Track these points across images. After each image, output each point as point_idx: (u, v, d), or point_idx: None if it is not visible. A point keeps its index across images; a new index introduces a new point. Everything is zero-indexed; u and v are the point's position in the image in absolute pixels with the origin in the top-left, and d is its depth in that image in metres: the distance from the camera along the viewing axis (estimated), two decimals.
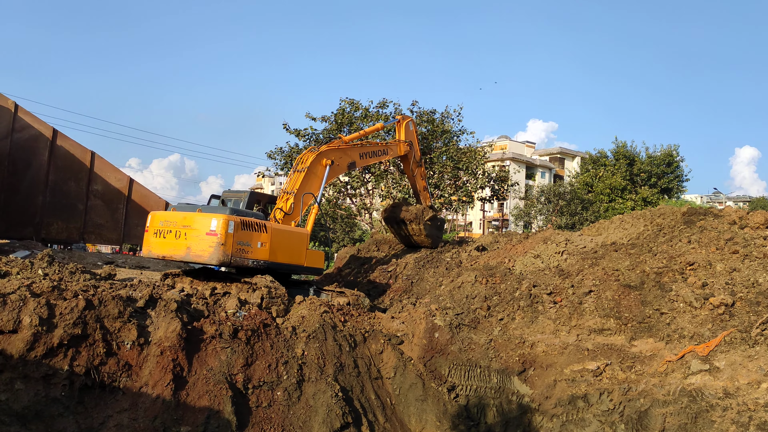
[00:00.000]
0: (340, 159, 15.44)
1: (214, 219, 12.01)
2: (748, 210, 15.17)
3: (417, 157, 18.72)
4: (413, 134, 18.41)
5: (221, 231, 11.81)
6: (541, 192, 60.66)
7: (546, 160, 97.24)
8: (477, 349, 12.11)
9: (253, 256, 12.34)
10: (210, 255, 11.86)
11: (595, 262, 13.83)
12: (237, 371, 9.83)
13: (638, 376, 10.29)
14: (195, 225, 12.19)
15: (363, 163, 16.94)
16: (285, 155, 30.18)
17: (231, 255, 11.90)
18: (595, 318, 11.99)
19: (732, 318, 10.72)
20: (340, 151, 15.47)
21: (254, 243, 12.35)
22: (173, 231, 12.46)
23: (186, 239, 12.21)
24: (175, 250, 12.34)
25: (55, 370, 8.53)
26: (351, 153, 15.90)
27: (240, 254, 12.06)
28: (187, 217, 12.42)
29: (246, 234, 12.19)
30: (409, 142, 18.07)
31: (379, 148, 17.16)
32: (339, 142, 15.72)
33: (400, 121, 18.10)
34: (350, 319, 12.44)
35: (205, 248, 11.91)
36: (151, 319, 9.89)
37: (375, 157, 17.20)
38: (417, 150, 18.76)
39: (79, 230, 22.16)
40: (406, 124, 17.99)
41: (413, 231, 18.63)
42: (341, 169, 15.74)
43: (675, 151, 54.14)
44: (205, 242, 11.94)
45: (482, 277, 14.26)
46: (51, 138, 21.16)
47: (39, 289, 9.25)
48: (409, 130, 18.18)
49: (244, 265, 12.28)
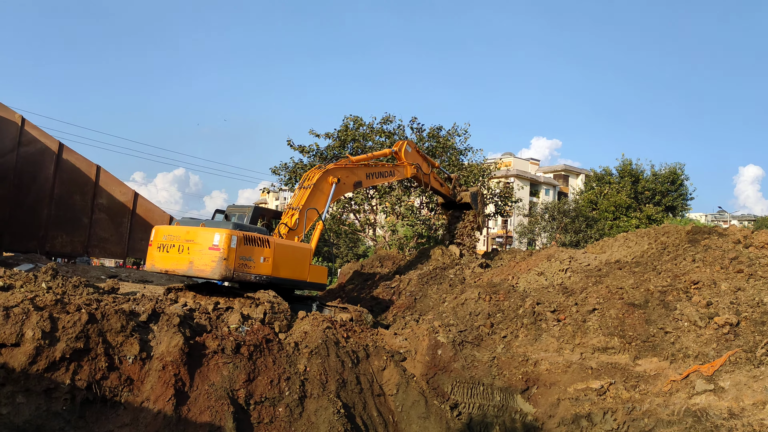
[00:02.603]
0: (347, 178, 15.51)
1: (216, 233, 12.01)
2: (753, 229, 15.12)
3: (427, 171, 18.78)
4: (415, 155, 18.38)
5: (224, 245, 11.81)
6: (545, 209, 60.63)
7: (550, 178, 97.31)
8: (480, 366, 12.05)
9: (256, 270, 12.33)
10: (212, 269, 11.86)
11: (599, 280, 13.78)
12: (239, 387, 9.80)
13: (642, 396, 10.22)
14: (198, 239, 12.20)
15: (369, 183, 17.03)
16: (289, 171, 30.29)
17: (233, 270, 11.90)
18: (599, 336, 11.93)
19: (737, 338, 10.65)
20: (347, 170, 15.55)
21: (257, 258, 12.35)
22: (176, 245, 12.48)
23: (189, 253, 12.21)
24: (177, 264, 12.35)
25: (56, 384, 8.51)
26: (358, 172, 15.98)
27: (242, 269, 12.05)
28: (190, 232, 12.42)
29: (248, 249, 12.18)
30: (415, 164, 18.07)
31: (386, 170, 17.27)
32: (346, 161, 15.82)
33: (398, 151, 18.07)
34: (353, 336, 12.40)
35: (208, 263, 11.90)
36: (154, 333, 9.88)
37: (382, 178, 17.30)
38: (426, 166, 18.74)
39: (83, 244, 22.20)
40: (404, 149, 18.07)
41: None
42: (347, 187, 15.81)
43: (680, 170, 54.15)
44: (207, 257, 11.94)
45: (486, 294, 14.21)
46: (57, 152, 21.26)
47: (42, 302, 9.25)
48: (409, 153, 18.21)
49: (247, 279, 12.26)
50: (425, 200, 31.22)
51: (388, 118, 30.35)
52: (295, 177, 29.82)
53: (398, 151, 17.98)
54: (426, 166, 18.71)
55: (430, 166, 19.07)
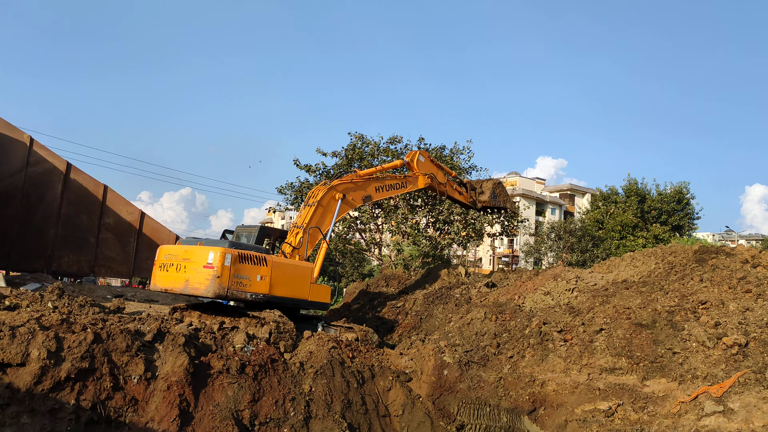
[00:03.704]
0: (354, 193, 15.39)
1: (211, 252, 12.13)
2: (760, 249, 15.04)
3: (443, 180, 18.07)
4: (429, 164, 17.75)
5: (218, 264, 11.93)
6: (552, 228, 60.56)
7: (556, 197, 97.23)
8: (486, 387, 11.96)
9: (252, 289, 12.38)
10: (206, 287, 11.96)
11: (606, 300, 13.70)
12: (244, 407, 9.75)
13: (651, 417, 10.11)
14: (193, 258, 12.35)
15: (380, 197, 16.69)
16: (295, 190, 30.35)
17: (227, 288, 11.99)
18: (607, 357, 11.84)
19: (746, 358, 10.55)
20: (353, 185, 15.43)
21: (253, 276, 12.40)
22: (175, 264, 12.69)
23: (185, 272, 12.39)
24: (175, 282, 12.53)
25: (61, 404, 8.48)
26: (366, 186, 15.80)
27: (237, 287, 12.12)
28: (188, 251, 12.63)
29: (244, 267, 12.27)
30: (429, 174, 17.47)
31: (396, 182, 16.88)
32: (352, 176, 15.72)
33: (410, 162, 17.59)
34: (358, 356, 12.35)
35: (202, 281, 12.02)
36: (159, 353, 9.86)
37: (393, 190, 16.88)
38: (441, 176, 18.07)
39: (90, 263, 22.28)
40: (416, 159, 17.60)
41: None
42: (355, 202, 15.68)
43: (685, 189, 54.05)
44: (202, 275, 12.05)
45: (492, 313, 14.15)
46: (65, 172, 21.43)
47: (48, 322, 9.26)
48: (422, 162, 17.66)
49: (243, 298, 12.34)
50: (431, 219, 31.21)
51: (395, 138, 30.46)
52: (301, 196, 29.87)
53: (410, 162, 17.51)
54: (442, 175, 18.08)
55: (447, 175, 18.38)
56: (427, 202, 30.56)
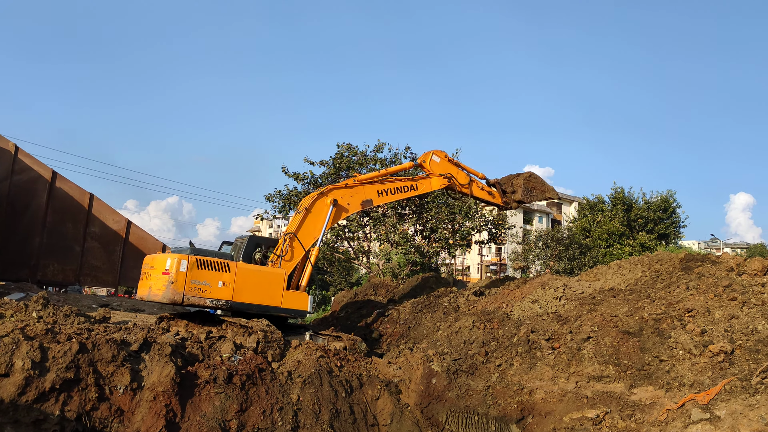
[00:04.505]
0: (350, 198, 15.02)
1: (168, 258, 12.43)
2: (745, 257, 15.17)
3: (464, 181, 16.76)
4: (446, 164, 16.59)
5: (173, 270, 12.15)
6: (539, 237, 60.78)
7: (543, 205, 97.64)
8: (475, 395, 11.95)
9: (212, 295, 12.44)
10: (163, 293, 12.18)
11: (593, 308, 13.76)
12: (231, 417, 9.68)
13: (638, 425, 10.14)
14: (156, 265, 12.74)
15: (384, 200, 16.00)
16: (283, 198, 30.34)
17: (183, 294, 12.11)
18: (594, 365, 11.87)
19: (732, 366, 10.62)
20: (349, 189, 15.06)
21: (214, 282, 12.48)
22: (146, 272, 13.22)
23: (149, 279, 12.80)
24: (143, 290, 13.01)
25: (46, 415, 8.39)
26: (365, 191, 15.33)
27: (196, 293, 12.25)
28: (154, 259, 13.08)
29: (204, 273, 12.40)
30: (447, 175, 16.41)
31: (403, 184, 16.06)
32: (349, 180, 15.37)
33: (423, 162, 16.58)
34: (346, 365, 12.31)
35: (161, 287, 12.26)
36: (145, 363, 9.78)
37: (400, 194, 16.13)
38: (463, 176, 16.77)
39: (75, 272, 22.08)
40: (430, 160, 16.46)
41: None
42: (352, 207, 15.24)
43: (671, 197, 54.48)
44: (160, 281, 12.34)
45: (480, 322, 14.16)
46: (50, 180, 21.28)
47: (33, 332, 9.17)
48: (437, 163, 16.52)
49: (202, 304, 12.47)
50: (419, 228, 31.27)
51: (381, 146, 30.55)
52: (290, 204, 29.86)
53: (424, 163, 16.54)
54: (464, 175, 16.79)
55: (471, 176, 17.01)
56: (414, 210, 30.62)
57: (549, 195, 18.06)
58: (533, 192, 17.72)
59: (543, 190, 17.91)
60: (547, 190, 17.97)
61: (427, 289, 19.38)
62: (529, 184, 17.66)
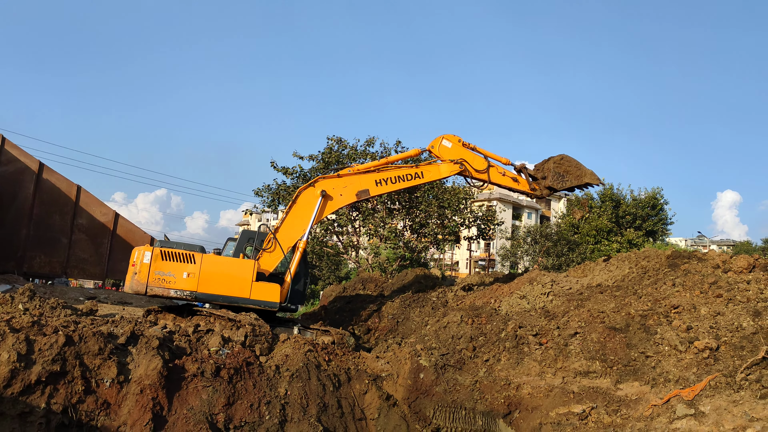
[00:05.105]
0: (343, 188, 14.48)
1: (136, 251, 13.03)
2: (731, 254, 15.28)
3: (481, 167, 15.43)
4: (459, 149, 15.37)
5: (138, 261, 12.66)
6: (528, 232, 60.99)
7: (533, 201, 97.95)
8: (462, 390, 11.99)
9: (177, 286, 12.71)
10: (128, 285, 12.78)
11: (580, 304, 13.83)
12: (218, 411, 9.67)
13: (624, 420, 10.21)
14: (131, 258, 13.29)
15: (383, 190, 15.08)
16: (272, 192, 30.22)
17: (147, 284, 12.50)
18: (581, 360, 11.94)
19: (717, 362, 10.72)
20: (340, 179, 14.54)
21: (179, 273, 12.75)
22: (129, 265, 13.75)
23: (127, 272, 13.42)
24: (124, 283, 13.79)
25: (31, 407, 8.34)
26: (361, 180, 14.61)
27: (160, 284, 12.61)
28: (135, 252, 13.38)
29: (169, 264, 12.75)
30: (459, 161, 15.26)
31: (406, 172, 15.09)
32: (346, 171, 14.84)
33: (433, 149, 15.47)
34: (335, 359, 12.31)
35: (128, 278, 12.93)
36: (132, 356, 9.74)
37: (402, 183, 15.09)
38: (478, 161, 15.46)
39: (62, 264, 21.92)
40: (440, 145, 15.33)
41: None
42: (345, 198, 14.60)
43: (659, 195, 54.77)
44: (129, 273, 12.98)
45: (468, 317, 14.20)
46: (37, 171, 21.10)
47: (18, 324, 9.11)
48: (448, 148, 15.33)
49: (167, 295, 12.77)
50: (408, 223, 31.27)
51: (372, 140, 30.49)
52: (278, 199, 29.76)
53: (433, 149, 15.41)
54: (481, 160, 15.43)
55: (490, 160, 15.57)
56: (404, 205, 30.62)
57: (587, 180, 15.62)
58: (566, 177, 15.56)
59: (579, 175, 15.59)
60: (584, 175, 15.58)
61: (415, 284, 19.40)
62: (560, 167, 15.55)
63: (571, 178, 15.47)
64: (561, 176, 15.43)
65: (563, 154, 15.57)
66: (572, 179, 15.46)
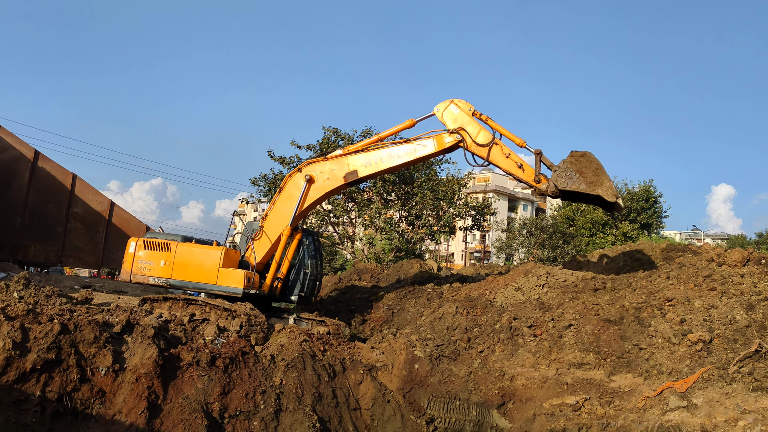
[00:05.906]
0: (330, 171, 13.74)
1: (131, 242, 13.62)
2: (725, 248, 15.35)
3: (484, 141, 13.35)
4: (465, 117, 13.50)
5: (127, 251, 13.41)
6: (523, 225, 61.11)
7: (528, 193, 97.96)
8: (457, 381, 12.05)
9: (155, 274, 13.27)
10: (121, 275, 13.51)
11: (575, 296, 13.88)
12: (213, 400, 9.69)
13: (617, 412, 10.29)
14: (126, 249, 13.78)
15: (372, 171, 13.76)
16: (269, 182, 30.20)
17: (131, 273, 13.24)
18: (575, 352, 12.00)
19: (710, 355, 10.79)
20: (326, 162, 13.84)
21: (157, 262, 13.30)
22: None
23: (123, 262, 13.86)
24: None
25: (26, 395, 8.35)
26: (348, 162, 13.70)
27: (142, 272, 13.26)
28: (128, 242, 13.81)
29: (150, 254, 13.36)
30: (456, 130, 13.43)
31: (396, 150, 13.72)
32: (336, 152, 14.03)
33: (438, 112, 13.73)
34: (330, 349, 12.35)
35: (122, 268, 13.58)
36: (128, 345, 9.75)
37: (392, 161, 13.75)
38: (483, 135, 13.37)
39: (57, 253, 21.89)
40: (446, 111, 13.63)
41: None
42: (332, 182, 13.73)
43: (652, 187, 54.93)
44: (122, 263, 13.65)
45: (463, 308, 14.24)
46: (32, 159, 21.02)
47: (14, 312, 9.09)
48: (455, 114, 13.52)
49: (148, 283, 13.35)
50: (404, 213, 31.27)
51: (369, 131, 30.45)
52: (275, 188, 29.73)
53: (437, 112, 13.68)
54: (486, 134, 13.35)
55: (496, 136, 13.41)
56: (400, 196, 30.62)
57: (600, 192, 12.58)
58: (576, 178, 12.77)
59: (593, 182, 12.66)
60: (600, 185, 12.61)
61: (411, 275, 19.43)
62: (575, 165, 12.86)
63: (582, 182, 12.66)
64: (571, 174, 12.73)
65: (587, 151, 12.91)
66: (583, 184, 12.65)
